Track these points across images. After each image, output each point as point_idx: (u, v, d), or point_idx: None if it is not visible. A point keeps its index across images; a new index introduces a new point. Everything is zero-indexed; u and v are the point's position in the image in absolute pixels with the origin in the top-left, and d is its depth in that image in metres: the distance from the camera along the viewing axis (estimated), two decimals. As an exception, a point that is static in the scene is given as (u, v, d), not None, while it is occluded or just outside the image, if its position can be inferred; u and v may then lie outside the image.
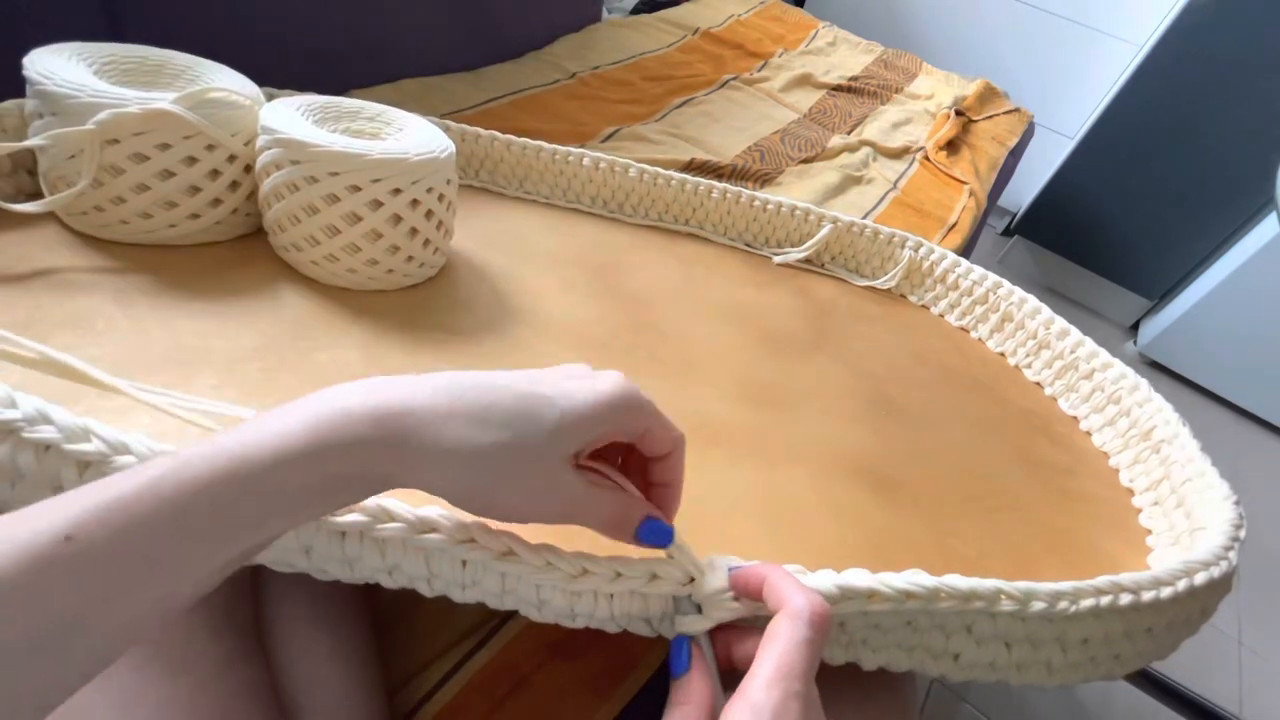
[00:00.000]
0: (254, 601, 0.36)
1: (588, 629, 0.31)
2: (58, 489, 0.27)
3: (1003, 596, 0.32)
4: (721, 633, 0.30)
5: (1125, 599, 0.33)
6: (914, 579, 0.31)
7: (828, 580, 0.30)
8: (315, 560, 0.29)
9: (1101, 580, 0.34)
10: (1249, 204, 1.60)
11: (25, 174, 0.47)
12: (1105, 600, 0.33)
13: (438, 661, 0.40)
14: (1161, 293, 1.84)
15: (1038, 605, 0.32)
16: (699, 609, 0.30)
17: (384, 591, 0.40)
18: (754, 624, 0.30)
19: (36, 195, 0.46)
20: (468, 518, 0.29)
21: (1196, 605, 0.37)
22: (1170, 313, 1.74)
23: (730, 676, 0.27)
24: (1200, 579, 0.36)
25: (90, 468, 0.27)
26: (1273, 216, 1.45)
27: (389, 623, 0.42)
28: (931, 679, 0.94)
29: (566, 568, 0.29)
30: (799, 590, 0.26)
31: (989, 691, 0.95)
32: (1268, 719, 1.02)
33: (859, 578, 0.31)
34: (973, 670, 0.33)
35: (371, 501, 0.29)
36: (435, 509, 0.29)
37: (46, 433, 0.26)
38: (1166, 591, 0.35)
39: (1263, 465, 1.59)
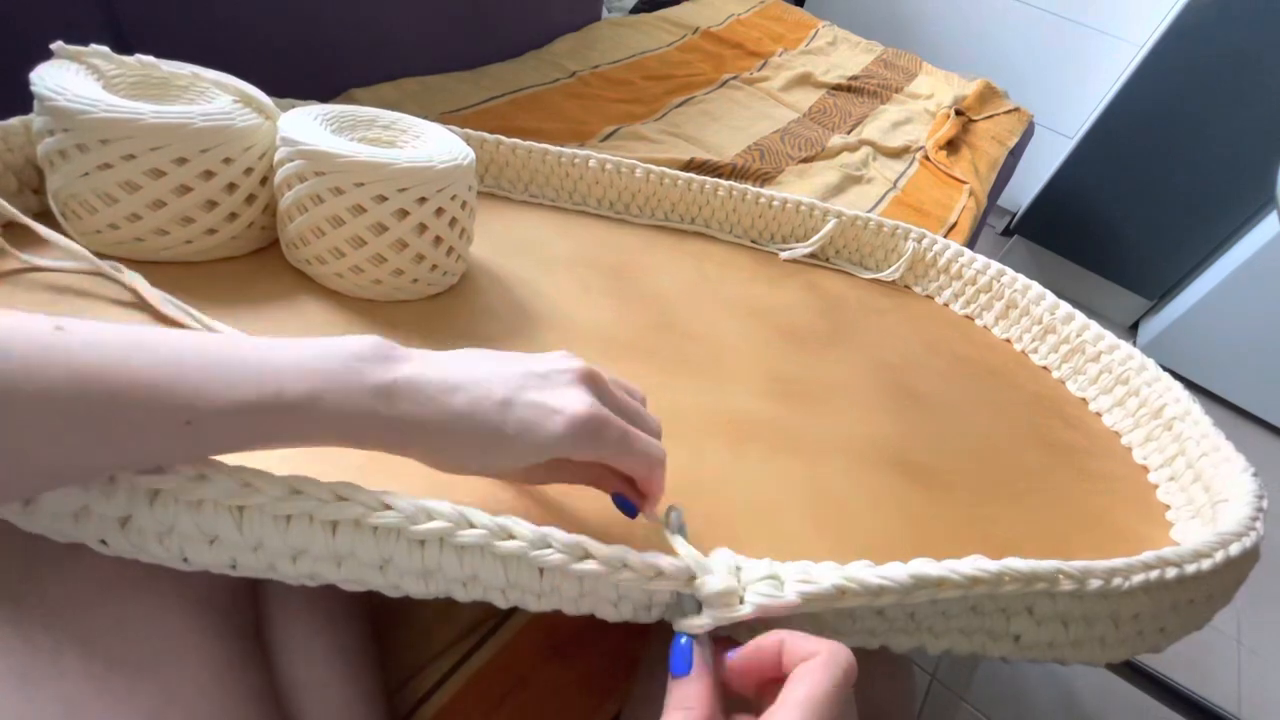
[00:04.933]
0: (254, 605, 0.35)
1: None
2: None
3: (1061, 576, 0.32)
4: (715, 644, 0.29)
5: (1171, 573, 0.35)
6: (979, 564, 0.31)
7: (900, 571, 0.29)
8: (391, 577, 0.29)
9: (1148, 555, 0.35)
10: (1249, 204, 1.60)
11: (31, 194, 0.45)
12: (1154, 575, 0.34)
13: (436, 662, 0.40)
14: (1161, 293, 1.84)
15: (1094, 583, 0.33)
16: (700, 608, 0.29)
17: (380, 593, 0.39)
18: (747, 632, 0.29)
19: (44, 215, 0.44)
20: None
21: (1232, 575, 0.38)
22: (1170, 313, 1.74)
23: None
24: (1235, 549, 0.37)
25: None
26: (1273, 216, 1.45)
27: (386, 624, 0.41)
28: (930, 678, 0.94)
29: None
30: (824, 640, 0.25)
31: (988, 691, 0.94)
32: (1267, 719, 1.02)
33: (928, 566, 0.30)
34: (1032, 650, 0.34)
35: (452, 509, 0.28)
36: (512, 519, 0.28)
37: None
38: (1207, 563, 0.36)
39: (1263, 465, 1.57)
